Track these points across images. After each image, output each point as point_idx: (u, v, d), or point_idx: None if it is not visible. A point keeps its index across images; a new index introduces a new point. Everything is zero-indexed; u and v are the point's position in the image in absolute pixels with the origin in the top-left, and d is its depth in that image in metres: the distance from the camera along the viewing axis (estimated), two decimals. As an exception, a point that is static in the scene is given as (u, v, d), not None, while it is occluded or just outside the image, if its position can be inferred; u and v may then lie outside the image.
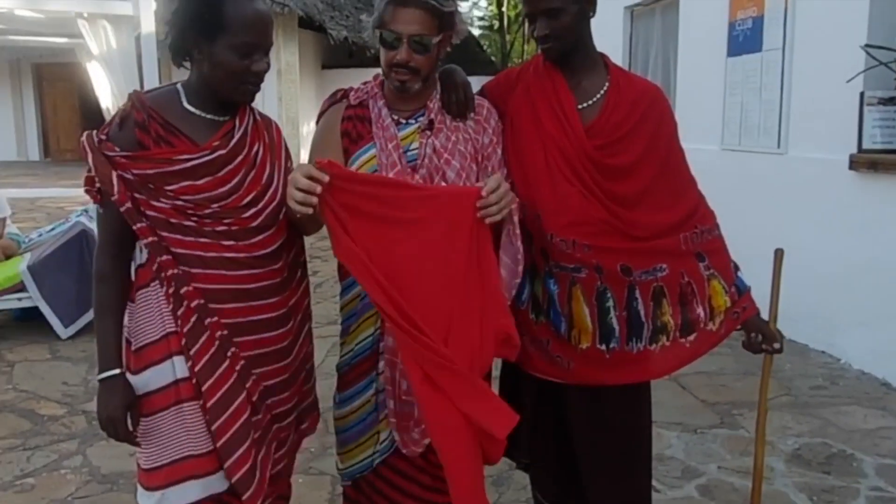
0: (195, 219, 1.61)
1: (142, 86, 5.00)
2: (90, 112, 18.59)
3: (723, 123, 5.35)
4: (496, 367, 2.07)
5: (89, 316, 4.90)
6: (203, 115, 1.66)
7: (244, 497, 1.65)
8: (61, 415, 3.62)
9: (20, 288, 4.77)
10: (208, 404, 1.63)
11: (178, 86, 1.70)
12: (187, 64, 1.67)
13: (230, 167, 1.63)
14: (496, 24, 23.48)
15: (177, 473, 1.65)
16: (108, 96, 6.77)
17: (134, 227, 1.60)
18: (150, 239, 1.61)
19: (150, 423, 1.67)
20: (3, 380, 4.10)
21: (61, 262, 4.84)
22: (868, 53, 3.97)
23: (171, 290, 1.62)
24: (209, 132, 1.65)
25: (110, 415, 1.65)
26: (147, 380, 1.66)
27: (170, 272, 1.61)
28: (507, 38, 24.54)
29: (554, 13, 1.79)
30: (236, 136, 1.66)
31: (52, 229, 5.58)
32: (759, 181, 4.94)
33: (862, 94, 4.00)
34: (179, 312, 1.62)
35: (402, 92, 1.83)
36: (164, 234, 1.61)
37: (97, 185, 1.61)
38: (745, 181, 5.07)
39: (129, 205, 1.59)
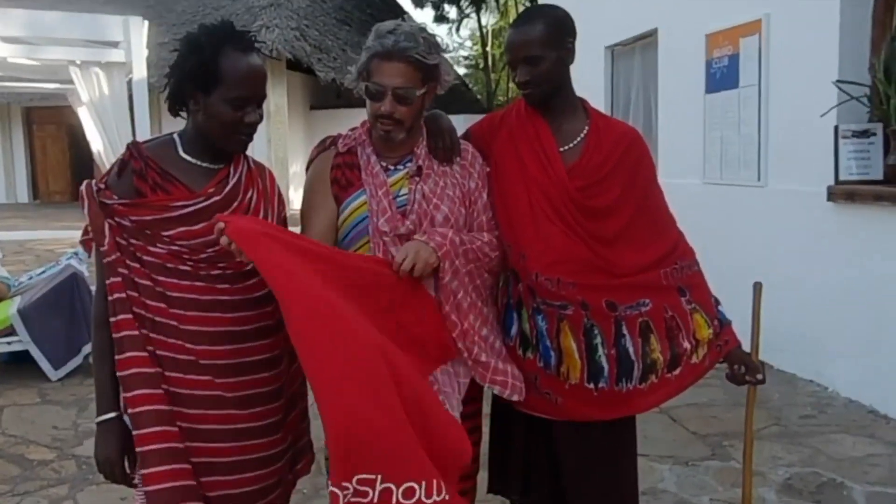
0: (191, 263, 1.66)
1: (133, 131, 5.07)
2: (80, 154, 18.72)
3: (704, 158, 5.47)
4: (485, 403, 2.11)
5: (79, 359, 4.90)
6: (199, 163, 1.72)
7: None
8: (51, 459, 3.60)
9: (10, 331, 4.76)
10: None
11: (175, 136, 1.76)
12: (183, 113, 1.73)
13: (226, 213, 1.68)
14: (481, 63, 23.87)
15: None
16: (99, 141, 6.86)
17: (106, 281, 1.65)
18: (116, 296, 1.64)
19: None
20: (-8, 425, 4.08)
21: (52, 305, 4.84)
22: (840, 89, 4.09)
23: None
24: (204, 179, 1.71)
25: (108, 457, 1.70)
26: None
27: (122, 333, 1.64)
28: (493, 76, 24.93)
29: (534, 61, 1.87)
30: (230, 183, 1.72)
31: (43, 272, 5.59)
32: (741, 213, 5.04)
33: (836, 128, 4.12)
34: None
35: (387, 141, 1.89)
36: (161, 278, 1.66)
37: (89, 234, 1.66)
38: (727, 213, 5.17)
39: (113, 257, 1.64)
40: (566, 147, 1.93)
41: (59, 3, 15.88)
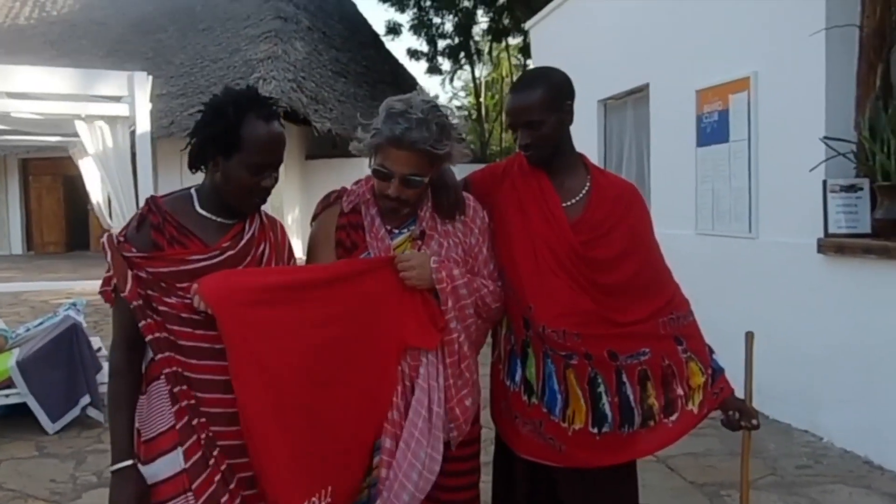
0: (204, 313, 1.71)
1: (135, 182, 5.17)
2: (75, 205, 18.85)
3: (696, 209, 5.58)
4: (486, 452, 2.14)
5: (76, 411, 4.88)
6: (215, 218, 1.81)
7: None
8: (49, 513, 3.58)
9: (8, 384, 4.75)
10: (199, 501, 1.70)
11: (192, 191, 1.85)
12: (203, 169, 1.82)
13: (239, 268, 1.76)
14: (475, 113, 24.28)
15: None
16: (99, 192, 6.95)
17: (139, 324, 1.71)
18: (154, 335, 1.71)
19: None
20: (-12, 478, 4.05)
21: (51, 357, 4.84)
22: (827, 145, 4.23)
23: (169, 387, 1.72)
24: (220, 234, 1.79)
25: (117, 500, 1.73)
26: (157, 469, 1.74)
27: (167, 370, 1.71)
28: (486, 126, 25.33)
29: (535, 125, 1.96)
30: (245, 238, 1.80)
31: (41, 323, 5.60)
32: (732, 264, 5.13)
33: (825, 182, 4.24)
34: (174, 409, 1.72)
35: (391, 214, 1.95)
36: (175, 327, 1.72)
37: (112, 284, 1.73)
38: (719, 264, 5.26)
39: (138, 302, 1.71)
40: (569, 203, 2.01)
41: (59, 56, 16.18)
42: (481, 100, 25.21)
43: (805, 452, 4.27)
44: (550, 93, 1.97)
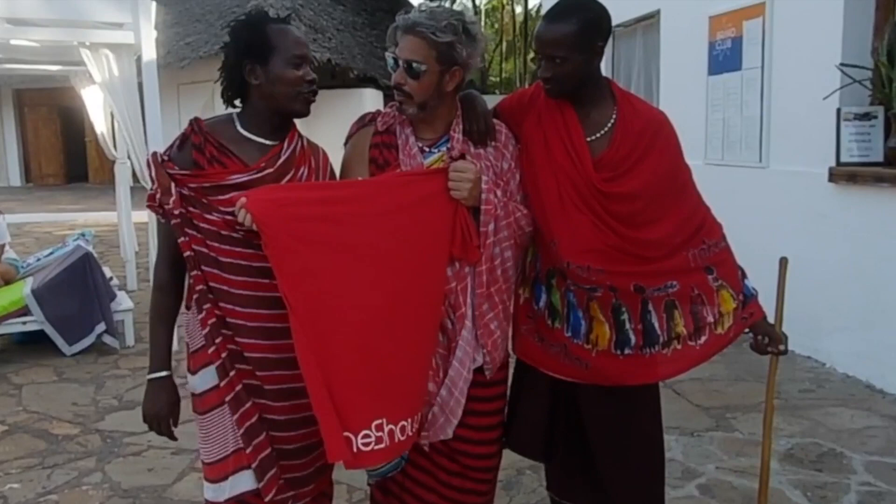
0: (242, 231, 1.75)
1: (143, 111, 5.11)
2: (73, 137, 18.68)
3: (706, 139, 5.56)
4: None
5: (92, 338, 4.98)
6: (255, 138, 1.83)
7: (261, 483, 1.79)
8: (76, 434, 3.69)
9: (24, 312, 4.82)
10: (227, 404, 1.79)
11: (234, 114, 1.87)
12: (238, 100, 1.85)
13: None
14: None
15: (232, 465, 1.80)
16: (103, 123, 6.89)
17: (178, 240, 1.76)
18: (188, 253, 1.77)
19: (205, 420, 1.82)
20: (12, 402, 4.15)
21: (66, 285, 4.90)
22: (843, 72, 4.18)
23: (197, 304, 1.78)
24: (259, 155, 1.82)
25: (157, 412, 1.84)
26: (202, 379, 1.82)
27: (198, 287, 1.77)
28: (485, 56, 24.87)
29: (558, 60, 1.89)
30: (283, 158, 1.83)
31: (51, 253, 5.64)
32: (742, 194, 5.13)
33: (839, 111, 4.21)
34: (203, 331, 1.79)
35: (401, 112, 1.97)
36: (215, 244, 1.76)
37: (158, 199, 1.76)
38: (728, 194, 5.22)
39: (178, 219, 1.75)
40: (594, 137, 1.97)
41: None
42: (481, 27, 24.68)
43: (808, 377, 4.38)
44: (581, 30, 1.87)
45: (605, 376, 2.03)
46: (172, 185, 1.75)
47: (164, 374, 1.85)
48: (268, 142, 1.84)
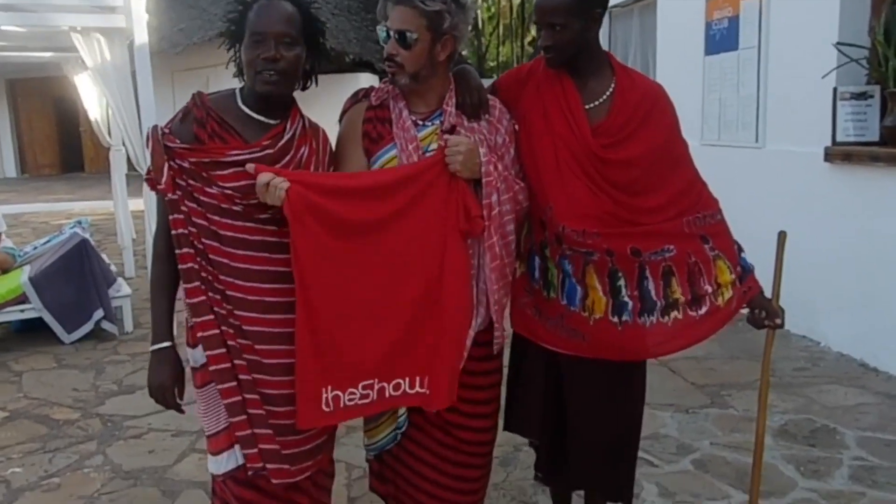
0: (242, 205, 1.77)
1: (136, 96, 5.09)
2: (68, 126, 18.57)
3: (702, 119, 5.56)
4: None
5: (90, 325, 4.99)
6: (256, 116, 1.83)
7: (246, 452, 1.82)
8: (76, 419, 3.71)
9: (22, 300, 4.82)
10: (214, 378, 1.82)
11: (237, 89, 1.87)
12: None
13: (277, 166, 1.79)
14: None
15: (225, 441, 1.83)
16: (97, 108, 6.86)
17: (169, 217, 1.78)
18: (179, 231, 1.77)
19: (203, 394, 1.85)
20: (12, 388, 4.17)
21: (63, 272, 4.90)
22: (840, 51, 4.18)
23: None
24: (260, 132, 1.82)
25: (161, 383, 1.84)
26: (199, 354, 1.83)
27: (186, 265, 1.78)
28: (483, 40, 24.75)
29: (557, 28, 1.93)
30: (285, 138, 1.83)
31: (48, 241, 5.63)
32: (738, 174, 5.13)
33: (835, 90, 4.21)
34: (190, 302, 1.80)
35: (393, 84, 1.97)
36: (215, 217, 1.78)
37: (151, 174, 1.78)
38: (724, 174, 5.20)
39: (173, 195, 1.76)
40: (592, 105, 2.00)
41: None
42: (478, 11, 24.54)
43: (803, 356, 4.41)
44: None
45: (603, 348, 2.04)
46: (166, 166, 1.75)
47: (165, 345, 1.85)
48: (270, 121, 1.84)
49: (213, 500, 1.99)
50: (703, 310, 2.03)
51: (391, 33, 1.91)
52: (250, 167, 1.73)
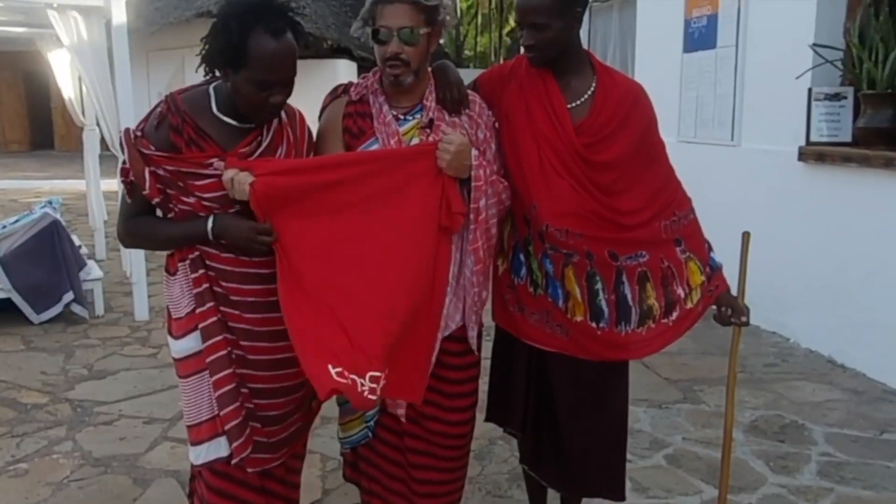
0: (220, 213, 1.75)
1: (112, 76, 4.99)
2: (38, 102, 18.17)
3: (679, 116, 5.60)
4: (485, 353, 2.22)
5: (59, 307, 4.90)
6: (232, 122, 1.78)
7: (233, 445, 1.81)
8: (45, 403, 3.65)
9: (-10, 280, 4.74)
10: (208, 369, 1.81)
11: (210, 89, 1.81)
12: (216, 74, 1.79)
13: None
14: (450, 16, 23.53)
15: (206, 432, 1.82)
16: (70, 88, 6.72)
17: (169, 216, 1.78)
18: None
19: (186, 385, 1.83)
20: (-21, 371, 4.09)
21: (33, 253, 4.82)
22: (815, 52, 4.24)
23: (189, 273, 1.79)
24: (237, 138, 1.78)
25: (244, 233, 1.74)
26: (185, 345, 1.82)
27: (192, 255, 1.78)
28: (461, 29, 24.68)
29: (539, 27, 1.93)
30: (264, 144, 1.79)
31: (17, 220, 5.51)
32: (714, 172, 5.19)
33: (810, 90, 4.27)
34: (194, 292, 1.79)
35: (397, 86, 1.95)
36: None
37: (130, 177, 1.73)
38: (700, 172, 5.27)
39: (159, 198, 1.75)
40: (574, 104, 2.01)
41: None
42: (457, 2, 24.46)
43: (772, 352, 4.49)
44: None
45: (584, 347, 2.06)
46: (146, 171, 1.72)
47: (212, 218, 1.75)
48: (245, 125, 1.79)
49: (190, 489, 1.97)
50: (675, 315, 2.07)
51: (394, 32, 1.88)
52: (219, 164, 1.70)
